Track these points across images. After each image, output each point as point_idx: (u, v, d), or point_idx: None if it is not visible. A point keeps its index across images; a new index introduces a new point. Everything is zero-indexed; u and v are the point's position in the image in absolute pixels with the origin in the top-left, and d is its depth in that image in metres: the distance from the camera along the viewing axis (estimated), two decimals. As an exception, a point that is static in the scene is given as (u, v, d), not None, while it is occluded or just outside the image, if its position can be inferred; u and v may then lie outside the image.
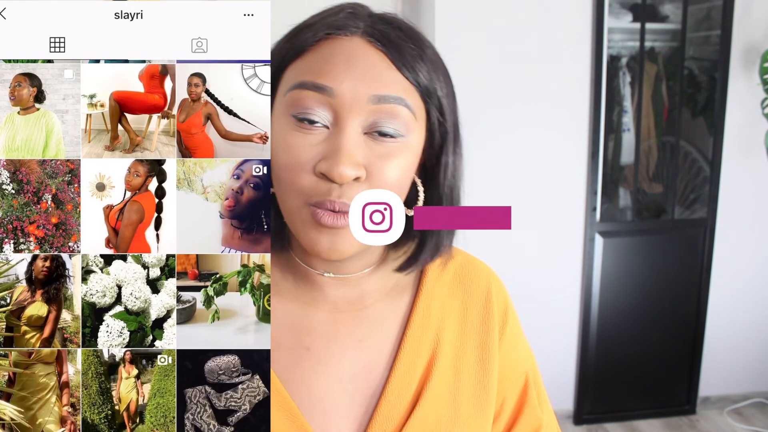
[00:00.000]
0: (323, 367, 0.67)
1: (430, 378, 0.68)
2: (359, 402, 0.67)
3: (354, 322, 0.69)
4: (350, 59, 0.59)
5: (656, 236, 2.73)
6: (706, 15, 2.76)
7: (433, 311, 0.71)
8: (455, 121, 0.66)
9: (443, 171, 0.66)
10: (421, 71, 0.61)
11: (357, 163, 0.58)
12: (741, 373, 2.90)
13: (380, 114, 0.59)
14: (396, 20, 0.63)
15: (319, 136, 0.59)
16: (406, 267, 0.70)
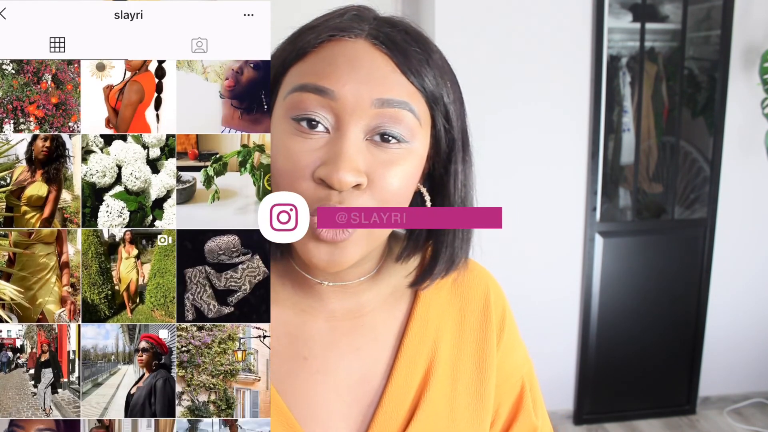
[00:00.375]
0: (321, 376, 0.66)
1: (428, 386, 0.67)
2: (357, 411, 0.66)
3: (352, 331, 0.68)
4: (354, 62, 0.57)
5: (656, 236, 2.73)
6: (706, 15, 2.76)
7: (431, 318, 0.70)
8: (463, 127, 0.64)
9: (453, 180, 0.64)
10: (427, 76, 0.59)
11: (358, 169, 0.56)
12: (741, 373, 2.90)
13: (383, 118, 0.57)
14: (402, 23, 0.61)
15: (319, 141, 0.57)
16: (421, 281, 0.68)
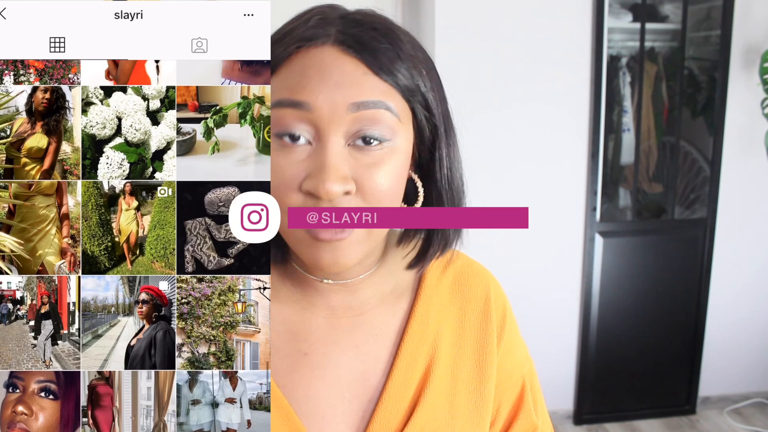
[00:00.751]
0: (321, 372, 0.66)
1: (428, 384, 0.67)
2: (357, 408, 0.66)
3: (352, 328, 0.68)
4: (323, 71, 0.57)
5: (656, 236, 2.73)
6: (706, 15, 2.76)
7: (431, 316, 0.70)
8: (445, 112, 0.64)
9: (438, 165, 0.64)
10: (400, 71, 0.58)
11: (344, 177, 0.56)
12: (741, 373, 2.90)
13: (362, 121, 0.57)
14: (369, 18, 0.60)
15: (302, 153, 0.57)
16: (416, 263, 0.69)
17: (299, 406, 0.65)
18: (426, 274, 0.72)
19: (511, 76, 2.48)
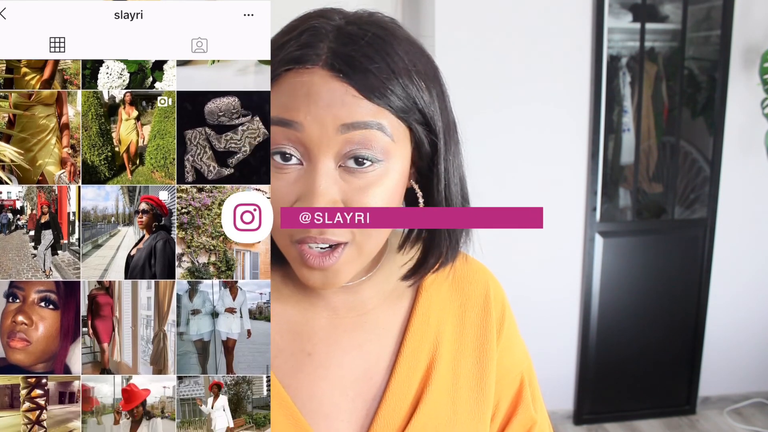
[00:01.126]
0: (324, 372, 0.67)
1: (430, 382, 0.68)
2: (360, 406, 0.67)
3: (354, 328, 0.69)
4: (311, 94, 0.56)
5: (656, 236, 2.73)
6: (706, 15, 2.76)
7: (432, 315, 0.71)
8: (446, 124, 0.62)
9: (436, 180, 0.63)
10: (394, 92, 0.56)
11: (333, 200, 0.56)
12: (741, 373, 2.90)
13: (352, 143, 0.56)
14: (365, 29, 0.58)
15: (294, 174, 0.57)
16: (411, 276, 0.69)
17: (304, 405, 0.66)
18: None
19: (511, 76, 2.48)
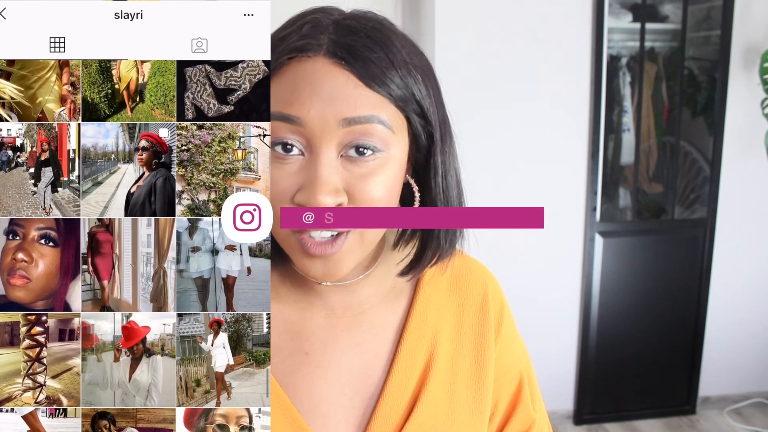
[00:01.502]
0: (322, 371, 0.67)
1: (428, 380, 0.68)
2: (358, 405, 0.67)
3: (352, 327, 0.69)
4: (314, 84, 0.56)
5: (656, 236, 2.73)
6: (706, 15, 2.76)
7: (430, 314, 0.71)
8: (441, 117, 0.64)
9: (432, 173, 0.64)
10: (393, 81, 0.58)
11: (336, 190, 0.57)
12: (741, 373, 2.90)
13: (353, 135, 0.57)
14: (363, 24, 0.59)
15: (295, 165, 0.57)
16: (408, 271, 0.69)
17: (302, 404, 0.66)
18: (424, 272, 0.72)
19: (511, 76, 2.48)
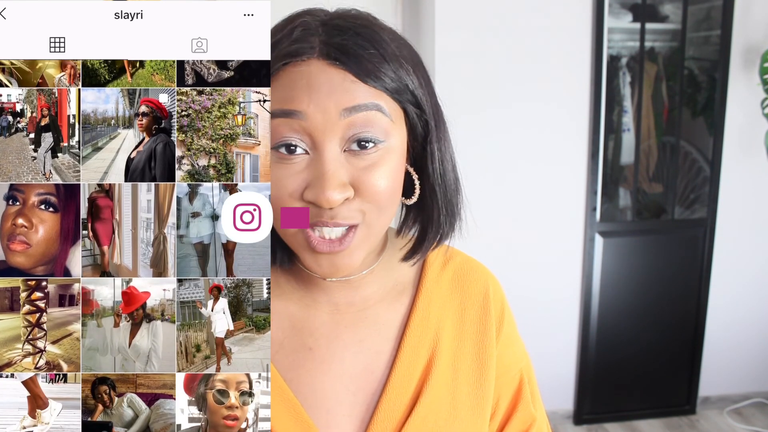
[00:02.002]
0: (326, 367, 0.68)
1: (430, 377, 0.69)
2: (361, 400, 0.68)
3: (355, 324, 0.70)
4: (311, 83, 0.57)
5: (656, 236, 2.73)
6: (706, 15, 2.76)
7: (432, 311, 0.72)
8: (434, 105, 0.65)
9: (430, 160, 0.65)
10: (387, 75, 0.59)
11: (342, 184, 0.58)
12: (741, 373, 2.90)
13: (355, 126, 0.58)
14: (351, 22, 0.61)
15: (301, 164, 0.58)
16: (412, 255, 0.70)
17: (305, 399, 0.67)
18: (426, 270, 0.74)
19: (511, 76, 2.48)
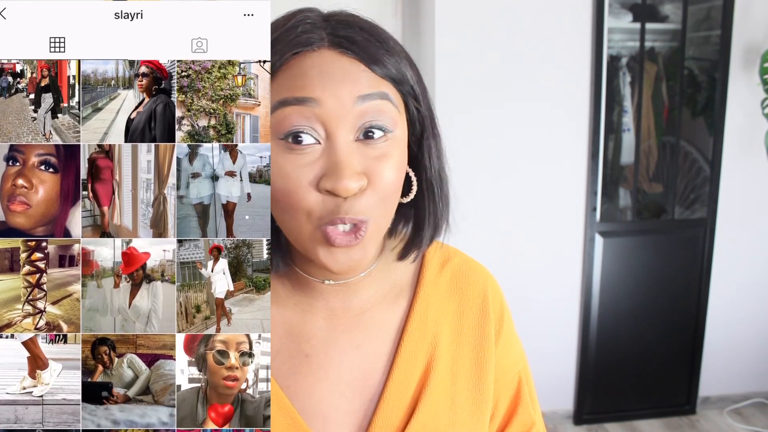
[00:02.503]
0: (323, 373, 0.67)
1: (428, 381, 0.68)
2: (358, 407, 0.67)
3: (352, 328, 0.69)
4: (324, 71, 0.58)
5: (656, 236, 2.73)
6: (706, 15, 2.76)
7: (430, 315, 0.71)
8: (427, 103, 0.66)
9: (428, 155, 0.66)
10: (391, 65, 0.60)
11: (358, 173, 0.57)
12: (741, 373, 2.90)
13: (367, 114, 0.58)
14: (354, 20, 0.62)
15: (313, 154, 0.58)
16: (407, 253, 0.69)
17: (302, 406, 0.66)
18: (424, 272, 0.72)
19: (511, 76, 2.48)
